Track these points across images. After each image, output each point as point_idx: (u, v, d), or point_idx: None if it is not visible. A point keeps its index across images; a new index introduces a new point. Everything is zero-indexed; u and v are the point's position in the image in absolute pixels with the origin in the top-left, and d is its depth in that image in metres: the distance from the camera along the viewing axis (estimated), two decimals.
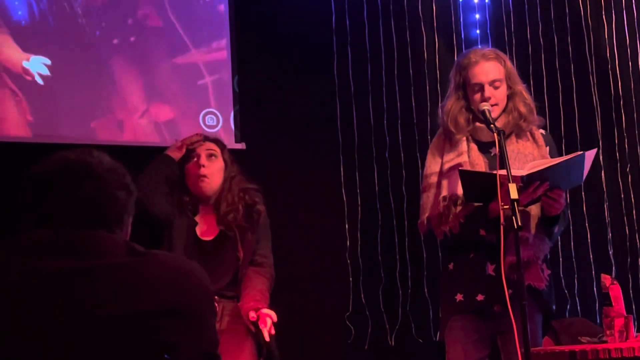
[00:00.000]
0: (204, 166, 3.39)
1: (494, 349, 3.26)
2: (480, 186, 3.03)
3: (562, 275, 4.93)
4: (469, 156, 3.20)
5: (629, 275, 4.82)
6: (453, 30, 5.19)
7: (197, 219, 3.43)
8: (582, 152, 3.00)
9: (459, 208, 3.15)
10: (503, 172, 2.91)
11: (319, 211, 4.99)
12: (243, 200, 3.43)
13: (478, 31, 5.18)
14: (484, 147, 3.24)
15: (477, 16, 5.20)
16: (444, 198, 3.15)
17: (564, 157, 3.02)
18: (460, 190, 3.12)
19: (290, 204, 4.79)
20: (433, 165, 3.28)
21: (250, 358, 3.27)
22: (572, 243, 4.97)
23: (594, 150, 3.07)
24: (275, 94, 4.98)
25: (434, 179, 3.25)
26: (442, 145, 3.30)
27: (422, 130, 5.08)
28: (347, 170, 5.06)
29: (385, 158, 5.07)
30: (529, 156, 3.19)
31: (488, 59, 3.24)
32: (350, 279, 4.97)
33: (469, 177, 3.05)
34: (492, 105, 3.19)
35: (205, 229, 3.43)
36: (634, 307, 4.68)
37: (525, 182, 2.94)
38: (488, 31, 5.17)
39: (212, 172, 3.42)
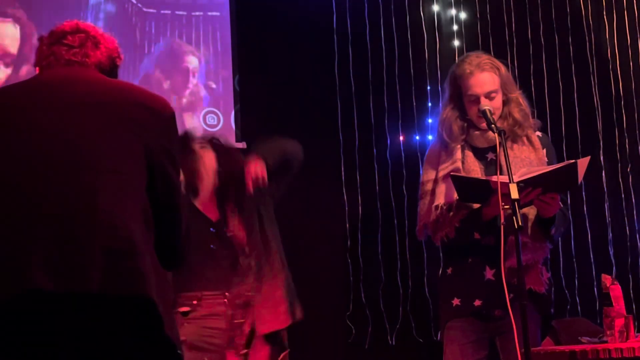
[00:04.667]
0: None
1: (492, 350, 3.26)
2: (473, 191, 3.05)
3: (562, 275, 4.93)
4: (463, 163, 3.21)
5: (630, 275, 4.81)
6: (454, 31, 5.19)
7: None
8: (574, 160, 2.97)
9: (452, 214, 3.16)
10: (497, 177, 2.91)
11: (320, 211, 5.00)
12: None
13: (479, 31, 5.17)
14: (480, 153, 3.25)
15: (478, 16, 5.19)
16: (437, 207, 3.17)
17: (556, 165, 3.01)
18: (453, 197, 3.13)
19: (291, 204, 4.79)
20: (429, 173, 3.29)
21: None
22: (572, 243, 4.96)
23: (587, 159, 3.04)
24: (276, 93, 4.97)
25: (429, 187, 3.27)
26: (437, 154, 3.31)
27: (423, 130, 5.08)
28: (348, 169, 5.06)
29: (386, 158, 5.07)
30: (525, 160, 3.18)
31: (483, 70, 3.20)
32: (351, 278, 4.98)
33: (461, 183, 3.05)
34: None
35: None
36: (634, 307, 4.68)
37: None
38: (489, 31, 5.16)
39: None
